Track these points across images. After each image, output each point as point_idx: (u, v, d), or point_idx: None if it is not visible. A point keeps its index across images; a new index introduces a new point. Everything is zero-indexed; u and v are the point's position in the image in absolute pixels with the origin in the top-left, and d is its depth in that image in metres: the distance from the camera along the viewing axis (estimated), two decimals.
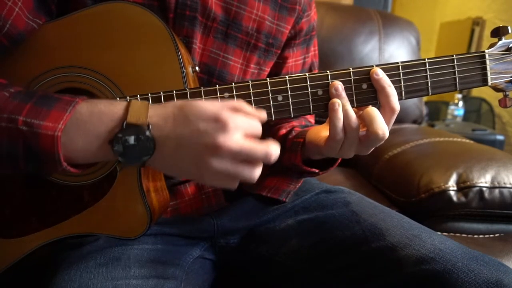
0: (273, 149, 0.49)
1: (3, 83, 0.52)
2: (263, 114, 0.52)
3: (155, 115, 0.49)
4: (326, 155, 0.64)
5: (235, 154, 0.48)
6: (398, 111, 0.59)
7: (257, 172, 0.50)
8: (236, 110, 0.50)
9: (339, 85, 0.58)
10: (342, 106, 0.58)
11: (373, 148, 0.60)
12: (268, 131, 0.80)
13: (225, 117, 0.47)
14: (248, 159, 0.48)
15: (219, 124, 0.47)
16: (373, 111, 0.57)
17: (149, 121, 0.49)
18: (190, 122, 0.48)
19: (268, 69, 0.76)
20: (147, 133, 0.48)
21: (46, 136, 0.47)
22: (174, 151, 0.49)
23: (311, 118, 0.87)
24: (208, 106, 0.49)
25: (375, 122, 0.57)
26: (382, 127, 0.57)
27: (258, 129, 0.50)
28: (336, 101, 0.58)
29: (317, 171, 0.71)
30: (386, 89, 0.58)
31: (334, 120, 0.58)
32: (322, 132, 0.64)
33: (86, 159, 0.51)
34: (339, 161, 0.71)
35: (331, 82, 0.58)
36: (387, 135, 0.57)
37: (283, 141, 0.76)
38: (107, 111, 0.49)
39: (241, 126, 0.48)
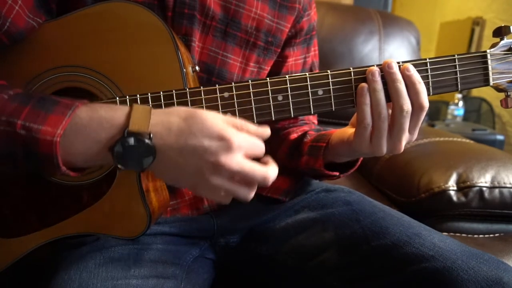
0: (271, 173, 0.50)
1: (3, 84, 0.52)
2: (266, 131, 0.53)
3: (158, 123, 0.49)
4: (356, 150, 0.61)
5: (234, 174, 0.48)
6: (427, 109, 0.58)
7: (252, 193, 0.51)
8: (239, 128, 0.50)
9: (376, 71, 0.57)
10: (374, 92, 0.57)
11: (404, 142, 0.59)
12: (276, 135, 0.80)
13: (229, 135, 0.48)
14: (246, 180, 0.49)
15: (224, 142, 0.48)
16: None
17: (151, 130, 0.49)
18: (194, 136, 0.48)
19: (268, 68, 0.76)
20: (148, 142, 0.48)
21: (45, 141, 0.47)
22: (174, 162, 0.49)
23: (314, 119, 0.87)
24: (214, 123, 0.49)
25: (401, 97, 0.56)
26: (407, 102, 0.57)
27: (260, 148, 0.51)
28: (365, 86, 0.57)
29: (337, 174, 0.71)
30: (416, 85, 0.57)
31: (362, 106, 0.57)
32: (349, 130, 0.64)
33: (85, 163, 0.51)
34: (359, 162, 0.70)
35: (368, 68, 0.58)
36: (410, 109, 0.57)
37: (298, 145, 0.76)
38: (107, 117, 0.49)
39: (243, 146, 0.49)
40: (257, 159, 0.51)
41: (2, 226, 0.59)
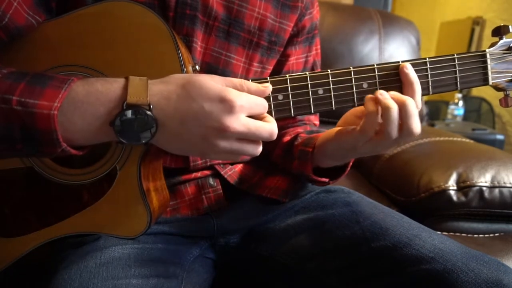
0: (275, 128, 0.50)
1: None
2: (268, 88, 0.53)
3: (156, 93, 0.49)
4: (345, 148, 0.61)
5: (240, 135, 0.49)
6: (419, 109, 0.58)
7: (259, 148, 0.52)
8: (240, 88, 0.50)
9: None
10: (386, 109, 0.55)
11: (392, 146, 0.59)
12: None
13: (230, 97, 0.47)
14: (253, 138, 0.50)
15: (225, 105, 0.47)
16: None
17: (150, 100, 0.48)
18: (194, 102, 0.48)
19: (271, 68, 0.76)
20: (149, 113, 0.47)
21: (42, 115, 0.46)
22: (177, 131, 0.49)
23: (315, 120, 0.87)
24: (212, 85, 0.48)
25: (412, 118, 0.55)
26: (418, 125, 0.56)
27: (262, 106, 0.51)
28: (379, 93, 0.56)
29: (327, 180, 0.71)
30: (414, 85, 0.57)
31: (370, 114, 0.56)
32: (336, 129, 0.64)
33: (87, 140, 0.50)
34: (348, 169, 0.70)
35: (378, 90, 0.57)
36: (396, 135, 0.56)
37: (289, 148, 0.76)
38: (104, 91, 0.48)
39: (246, 106, 0.48)
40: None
41: (2, 226, 0.59)
